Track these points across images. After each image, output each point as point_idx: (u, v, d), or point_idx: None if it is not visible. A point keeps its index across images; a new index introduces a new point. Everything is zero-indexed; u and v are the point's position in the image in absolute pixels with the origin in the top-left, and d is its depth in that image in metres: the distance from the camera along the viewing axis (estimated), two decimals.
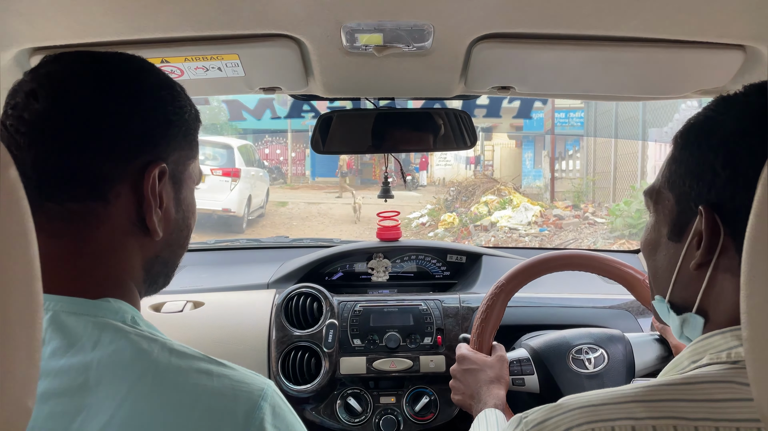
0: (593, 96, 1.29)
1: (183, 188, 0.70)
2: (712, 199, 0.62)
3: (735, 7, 0.85)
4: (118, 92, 0.63)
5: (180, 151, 0.69)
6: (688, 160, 0.65)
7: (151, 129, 0.65)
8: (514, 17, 0.90)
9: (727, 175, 0.61)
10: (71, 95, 0.61)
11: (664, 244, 0.70)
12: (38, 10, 0.86)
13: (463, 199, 11.38)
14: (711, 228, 0.62)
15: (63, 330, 0.57)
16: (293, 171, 16.82)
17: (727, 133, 0.62)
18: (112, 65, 0.66)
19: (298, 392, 1.53)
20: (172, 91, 0.69)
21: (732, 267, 0.61)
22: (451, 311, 1.65)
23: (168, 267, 0.72)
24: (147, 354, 0.57)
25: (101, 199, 0.62)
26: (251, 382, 0.60)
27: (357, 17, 0.90)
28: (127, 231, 0.64)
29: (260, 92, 1.21)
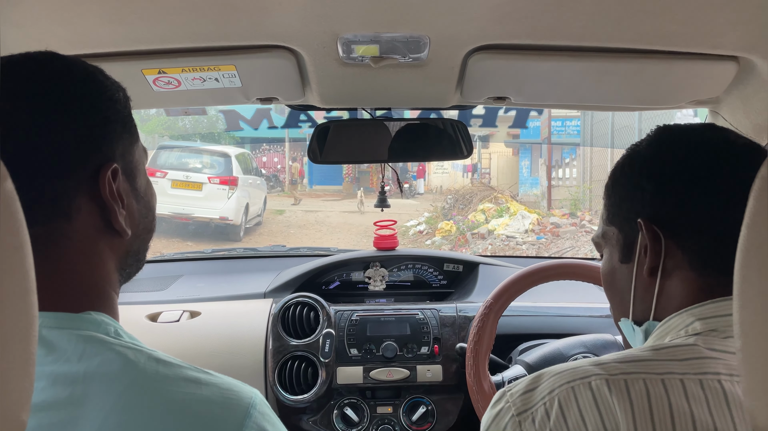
0: (588, 106, 1.30)
1: (137, 176, 0.68)
2: (647, 212, 0.72)
3: (728, 18, 0.86)
4: (41, 106, 0.60)
5: (123, 142, 0.65)
6: (620, 190, 0.77)
7: (88, 132, 0.61)
8: (510, 29, 0.91)
9: (652, 188, 0.72)
10: (13, 122, 0.58)
11: (618, 269, 0.79)
12: (35, 21, 0.86)
13: (460, 207, 11.39)
14: (653, 235, 0.71)
15: (47, 345, 0.56)
16: (291, 179, 16.81)
17: (642, 159, 0.75)
18: (25, 75, 0.62)
19: (295, 402, 1.53)
20: (97, 84, 0.65)
21: (678, 265, 0.71)
22: (447, 320, 1.65)
23: (140, 256, 0.71)
24: (134, 364, 0.57)
25: (63, 216, 0.60)
26: (239, 390, 0.60)
27: (353, 29, 0.91)
28: (97, 239, 0.63)
29: (257, 103, 1.21)
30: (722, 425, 0.57)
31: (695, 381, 0.59)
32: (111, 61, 0.99)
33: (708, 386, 0.59)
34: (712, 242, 0.68)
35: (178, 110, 1.77)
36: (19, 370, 0.40)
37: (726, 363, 0.61)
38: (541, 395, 0.64)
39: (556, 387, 0.63)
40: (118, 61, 1.00)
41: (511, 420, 0.64)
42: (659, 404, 0.58)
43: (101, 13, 0.84)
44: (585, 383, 0.61)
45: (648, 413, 0.58)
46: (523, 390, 0.65)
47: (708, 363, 0.61)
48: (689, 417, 0.57)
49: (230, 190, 9.47)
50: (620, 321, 0.80)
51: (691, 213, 0.70)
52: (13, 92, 0.59)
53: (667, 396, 0.58)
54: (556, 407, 0.61)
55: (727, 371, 0.60)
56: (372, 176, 15.23)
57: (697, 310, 0.67)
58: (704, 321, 0.66)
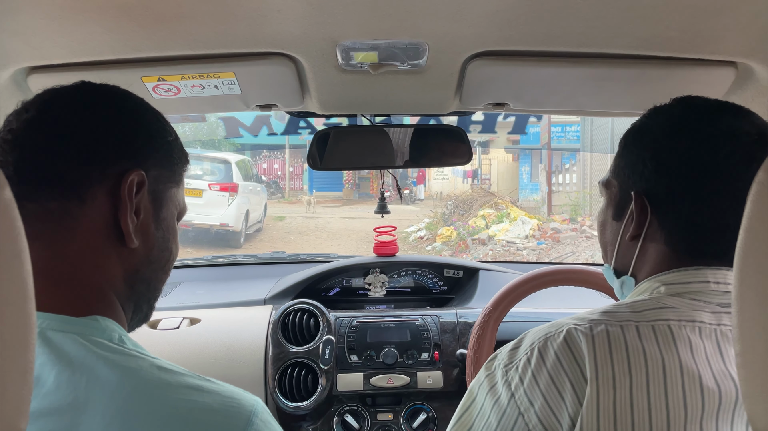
0: (587, 112, 1.30)
1: (164, 208, 0.72)
2: (642, 185, 0.80)
3: (726, 24, 0.86)
4: (99, 106, 0.68)
5: (161, 170, 0.71)
6: (627, 155, 0.83)
7: (130, 139, 0.67)
8: (508, 35, 0.91)
9: (652, 167, 0.79)
10: (56, 108, 0.66)
11: (609, 223, 0.88)
12: (35, 30, 0.86)
13: (460, 213, 11.39)
14: (640, 208, 0.80)
15: (51, 348, 0.57)
16: (291, 185, 16.82)
17: (654, 135, 0.80)
18: (101, 91, 0.70)
19: (295, 409, 1.52)
20: (156, 115, 0.73)
21: (656, 238, 0.80)
22: (448, 326, 1.65)
23: (150, 290, 0.73)
24: (136, 371, 0.57)
25: (77, 198, 0.63)
26: (241, 398, 0.60)
27: (352, 36, 0.91)
28: (104, 236, 0.65)
29: (257, 109, 1.21)
30: (668, 358, 0.67)
31: (648, 326, 0.70)
32: (111, 68, 1.00)
33: (659, 329, 0.69)
34: (687, 227, 0.77)
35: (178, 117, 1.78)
36: (17, 378, 0.39)
37: (677, 312, 0.71)
38: (524, 349, 0.75)
39: (536, 340, 0.74)
40: (117, 69, 1.00)
41: (500, 371, 0.76)
42: (617, 342, 0.68)
43: (101, 22, 0.85)
44: (559, 332, 0.72)
45: (607, 347, 0.68)
46: (510, 347, 0.77)
47: (661, 313, 0.71)
48: (641, 351, 0.68)
49: (230, 196, 9.47)
50: (603, 267, 0.91)
51: (676, 199, 0.77)
52: (84, 93, 0.69)
53: (623, 335, 0.69)
54: (536, 354, 0.72)
55: (677, 318, 0.70)
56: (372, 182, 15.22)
57: (663, 277, 0.77)
58: (668, 286, 0.76)
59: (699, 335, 0.69)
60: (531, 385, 0.71)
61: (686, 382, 0.66)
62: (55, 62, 0.97)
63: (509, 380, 0.74)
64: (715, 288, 0.74)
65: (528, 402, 0.70)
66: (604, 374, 0.67)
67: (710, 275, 0.75)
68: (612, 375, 0.66)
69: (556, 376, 0.69)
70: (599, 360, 0.67)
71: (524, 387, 0.71)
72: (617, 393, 0.66)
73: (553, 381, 0.69)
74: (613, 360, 0.67)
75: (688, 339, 0.68)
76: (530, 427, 0.70)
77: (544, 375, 0.70)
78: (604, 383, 0.66)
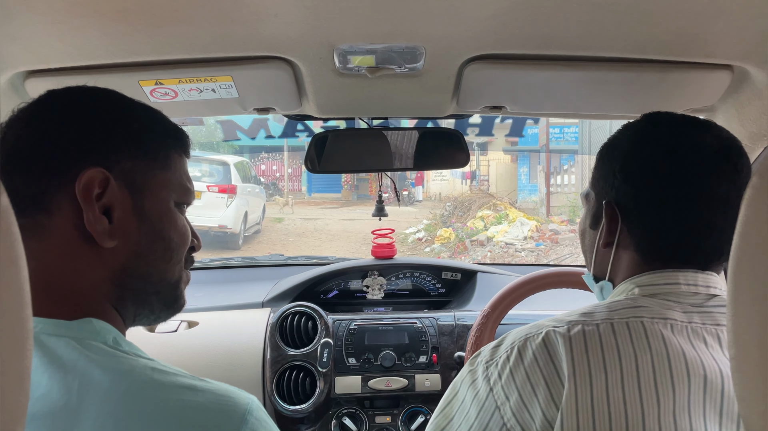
0: (584, 115, 1.31)
1: (148, 198, 0.69)
2: (612, 195, 0.85)
3: (722, 28, 0.87)
4: (51, 115, 0.67)
5: (134, 160, 0.68)
6: (601, 167, 0.89)
7: (82, 140, 0.66)
8: (505, 39, 0.92)
9: (621, 177, 0.83)
10: (14, 125, 0.67)
11: (587, 231, 0.93)
12: (33, 34, 0.86)
13: (459, 214, 11.39)
14: (611, 217, 0.85)
15: (43, 352, 0.57)
16: (289, 187, 16.82)
17: (622, 148, 0.85)
18: (55, 100, 0.69)
19: (293, 412, 1.52)
20: (116, 106, 0.71)
21: (626, 244, 0.84)
22: (446, 329, 1.65)
23: (152, 284, 0.71)
24: (129, 373, 0.57)
25: (44, 211, 0.63)
26: (236, 397, 0.60)
27: (349, 39, 0.91)
28: (79, 241, 0.64)
29: (254, 113, 1.21)
30: (640, 353, 0.70)
31: (622, 323, 0.73)
32: (108, 72, 1.00)
33: (632, 326, 0.72)
34: (653, 233, 0.81)
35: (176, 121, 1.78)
36: (14, 384, 0.39)
37: (650, 310, 0.74)
38: (504, 347, 0.78)
39: (516, 340, 0.77)
40: (114, 73, 1.00)
41: (481, 367, 0.79)
42: (592, 340, 0.72)
43: (98, 26, 0.85)
44: (538, 333, 0.76)
45: (583, 346, 0.71)
46: (493, 345, 0.81)
47: (635, 311, 0.75)
48: (615, 348, 0.71)
49: (229, 198, 9.47)
50: (584, 275, 0.96)
51: (643, 209, 0.82)
52: (39, 102, 0.68)
53: (598, 334, 0.72)
54: (515, 353, 0.76)
55: (650, 316, 0.74)
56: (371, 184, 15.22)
57: (636, 280, 0.82)
58: (642, 287, 0.80)
59: (671, 331, 0.72)
60: (508, 381, 0.74)
61: (657, 375, 0.69)
62: (53, 66, 0.97)
63: (489, 376, 0.77)
64: (686, 289, 0.78)
65: (504, 396, 0.74)
66: (580, 372, 0.70)
67: (681, 277, 0.79)
68: (588, 372, 0.69)
69: (531, 374, 0.73)
70: (576, 359, 0.71)
71: (501, 383, 0.75)
72: (594, 390, 0.68)
73: (529, 379, 0.73)
74: (589, 358, 0.70)
75: (660, 333, 0.72)
76: (505, 421, 0.74)
77: (520, 372, 0.74)
78: (582, 381, 0.69)
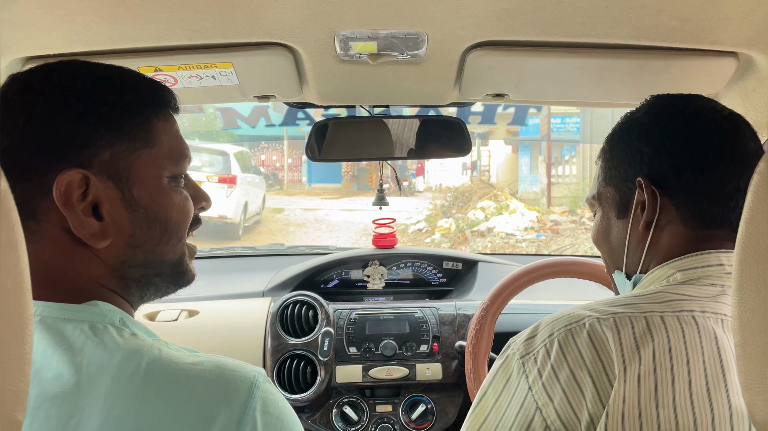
0: (587, 103, 1.30)
1: (137, 184, 0.65)
2: (645, 171, 0.81)
3: (727, 14, 0.86)
4: (12, 112, 0.62)
5: (111, 148, 0.63)
6: (619, 154, 0.85)
7: (52, 138, 0.61)
8: (508, 25, 0.91)
9: (651, 151, 0.81)
10: None
11: (614, 225, 0.87)
12: (31, 19, 0.85)
13: (459, 205, 11.38)
14: (651, 193, 0.80)
15: (51, 335, 0.57)
16: (290, 177, 16.81)
17: (642, 125, 0.84)
18: (19, 86, 0.64)
19: (294, 401, 1.52)
20: (80, 88, 0.64)
21: (670, 218, 0.80)
22: (447, 318, 1.65)
23: (153, 267, 0.69)
24: (137, 352, 0.57)
25: (32, 218, 0.61)
26: (243, 370, 0.60)
27: (350, 25, 0.90)
28: (72, 243, 0.62)
29: (254, 100, 1.21)
30: (693, 355, 0.66)
31: (673, 317, 0.68)
32: (107, 59, 0.99)
33: (684, 320, 0.68)
34: (702, 200, 0.78)
35: None
36: (14, 369, 0.39)
37: (699, 302, 0.70)
38: (541, 339, 0.72)
39: (555, 331, 0.71)
40: (114, 59, 0.99)
41: (516, 362, 0.73)
42: (643, 335, 0.67)
43: (97, 12, 0.84)
44: (581, 325, 0.70)
45: (633, 341, 0.66)
46: (525, 337, 0.75)
47: (683, 303, 0.70)
48: (666, 346, 0.66)
49: (229, 188, 9.45)
50: (614, 274, 0.90)
51: (684, 174, 0.79)
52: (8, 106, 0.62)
53: (648, 329, 0.67)
54: (556, 347, 0.70)
55: (701, 309, 0.69)
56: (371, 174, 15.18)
57: (678, 263, 0.77)
58: (684, 272, 0.76)
59: (722, 327, 0.68)
60: (551, 380, 0.68)
61: (710, 380, 0.64)
62: (51, 52, 0.96)
63: (526, 372, 0.71)
64: (730, 269, 0.74)
65: (547, 397, 0.68)
66: (631, 372, 0.65)
67: (723, 258, 0.76)
68: (638, 373, 0.65)
69: (577, 372, 0.67)
70: (627, 358, 0.66)
71: (543, 381, 0.69)
72: (642, 392, 0.64)
73: (575, 377, 0.67)
74: (641, 357, 0.65)
75: (713, 333, 0.67)
76: (548, 423, 0.68)
77: (565, 370, 0.68)
78: (631, 381, 0.65)
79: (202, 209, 0.75)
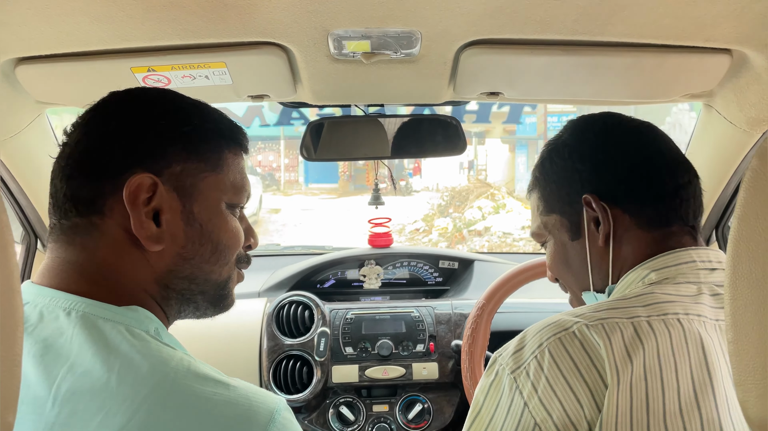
0: (582, 101, 1.30)
1: (198, 201, 0.71)
2: (588, 189, 0.83)
3: (720, 11, 0.86)
4: (106, 119, 0.70)
5: (184, 163, 0.70)
6: (555, 179, 0.88)
7: (135, 144, 0.68)
8: (502, 23, 0.90)
9: (587, 168, 0.84)
10: (75, 131, 0.70)
11: (570, 248, 0.88)
12: (22, 20, 0.85)
13: (456, 204, 11.38)
14: (601, 207, 0.82)
15: (92, 332, 0.60)
16: (286, 177, 16.78)
17: (571, 146, 0.87)
18: (114, 101, 0.72)
19: (290, 401, 1.52)
20: (167, 108, 0.72)
21: (626, 227, 0.82)
22: (443, 318, 1.65)
23: (198, 284, 0.72)
24: (167, 362, 0.59)
25: (98, 213, 0.66)
26: (266, 396, 0.62)
27: (344, 24, 0.90)
28: (128, 242, 0.67)
29: (248, 100, 1.20)
30: (680, 360, 0.66)
31: (659, 321, 0.68)
32: (100, 59, 0.99)
33: (670, 323, 0.68)
34: (649, 202, 0.81)
35: None
36: (4, 371, 0.39)
37: (682, 304, 0.71)
38: (530, 350, 0.70)
39: (544, 340, 0.70)
40: (106, 59, 0.99)
41: (508, 378, 0.71)
42: (633, 342, 0.66)
43: (89, 11, 0.84)
44: (570, 332, 0.69)
45: (624, 349, 0.66)
46: (513, 350, 0.72)
47: (667, 306, 0.70)
48: (655, 352, 0.66)
49: None
50: (583, 295, 0.90)
51: (626, 182, 0.82)
52: (95, 109, 0.72)
53: (637, 335, 0.67)
54: (548, 356, 0.68)
55: (684, 311, 0.70)
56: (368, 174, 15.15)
57: (650, 263, 0.78)
58: (658, 271, 0.76)
59: (706, 329, 0.69)
60: (547, 393, 0.66)
61: (697, 387, 0.65)
62: (44, 53, 0.96)
63: (520, 387, 0.69)
64: (702, 266, 0.77)
65: (545, 412, 0.66)
66: (624, 379, 0.64)
67: (694, 254, 0.78)
68: (630, 380, 0.64)
69: (573, 383, 0.66)
70: (619, 365, 0.65)
71: (539, 395, 0.67)
72: (633, 399, 0.64)
73: (571, 389, 0.66)
74: (633, 364, 0.65)
75: (698, 335, 0.67)
76: None
77: (560, 381, 0.66)
78: (623, 388, 0.64)
79: (249, 247, 0.81)
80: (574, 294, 0.93)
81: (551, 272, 0.95)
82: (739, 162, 1.28)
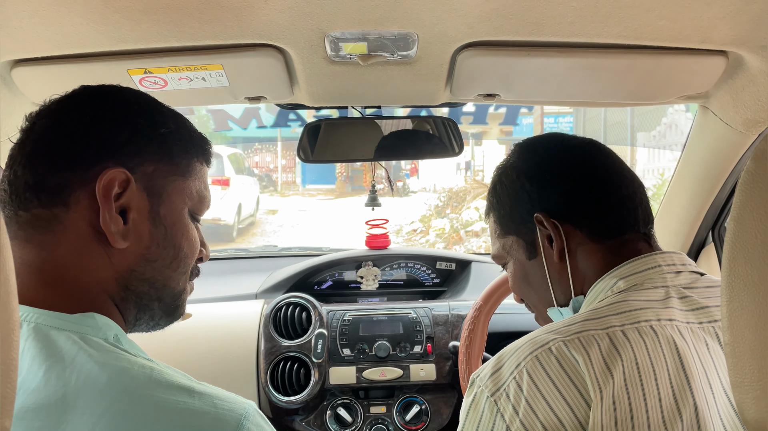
0: (578, 102, 1.30)
1: (164, 204, 0.70)
2: (537, 208, 0.86)
3: (716, 13, 0.86)
4: (81, 110, 0.69)
5: (156, 164, 0.69)
6: (507, 201, 0.90)
7: (110, 138, 0.67)
8: (498, 25, 0.91)
9: (535, 188, 0.87)
10: (42, 118, 0.69)
11: (529, 267, 0.90)
12: (18, 22, 0.85)
13: (454, 205, 11.37)
14: (551, 225, 0.84)
15: (42, 344, 0.57)
16: (284, 178, 16.77)
17: (517, 169, 0.90)
18: (89, 94, 0.71)
19: (288, 403, 1.52)
20: (147, 109, 0.72)
21: (579, 241, 0.84)
22: (440, 319, 1.65)
23: (156, 289, 0.71)
24: (127, 371, 0.56)
25: (62, 204, 0.65)
26: (233, 401, 0.59)
27: (341, 26, 0.90)
28: (91, 238, 0.65)
29: (245, 102, 1.20)
30: (659, 368, 0.66)
31: (633, 329, 0.69)
32: (96, 61, 0.98)
33: (643, 331, 0.69)
34: (597, 215, 0.83)
35: None
36: (1, 376, 0.39)
37: (653, 310, 0.71)
38: (509, 371, 0.70)
39: (522, 360, 0.69)
40: (103, 62, 0.99)
41: (487, 401, 0.70)
42: (610, 353, 0.66)
43: (85, 14, 0.83)
44: (546, 350, 0.68)
45: (602, 362, 0.66)
46: (491, 371, 0.72)
47: (639, 313, 0.71)
48: (634, 362, 0.66)
49: (222, 190, 9.43)
50: (548, 311, 0.91)
51: (572, 198, 0.85)
52: (69, 98, 0.70)
53: (614, 347, 0.67)
54: (526, 377, 0.67)
55: (656, 317, 0.71)
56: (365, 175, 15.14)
57: (617, 271, 0.79)
58: (626, 279, 0.78)
59: (679, 333, 0.70)
60: (528, 415, 0.65)
61: (677, 393, 0.65)
62: (40, 55, 0.96)
63: (501, 411, 0.68)
64: (668, 269, 0.78)
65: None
66: (606, 394, 0.64)
67: (659, 259, 0.79)
68: (612, 395, 0.64)
69: (553, 402, 0.65)
70: (600, 381, 0.65)
71: (520, 418, 0.66)
72: (618, 413, 0.64)
73: (552, 409, 0.65)
74: (614, 378, 0.65)
75: (672, 340, 0.68)
76: None
77: (540, 402, 0.66)
78: (607, 403, 0.64)
79: (200, 260, 0.82)
80: (539, 313, 0.95)
81: (515, 293, 0.98)
82: (735, 163, 1.29)
